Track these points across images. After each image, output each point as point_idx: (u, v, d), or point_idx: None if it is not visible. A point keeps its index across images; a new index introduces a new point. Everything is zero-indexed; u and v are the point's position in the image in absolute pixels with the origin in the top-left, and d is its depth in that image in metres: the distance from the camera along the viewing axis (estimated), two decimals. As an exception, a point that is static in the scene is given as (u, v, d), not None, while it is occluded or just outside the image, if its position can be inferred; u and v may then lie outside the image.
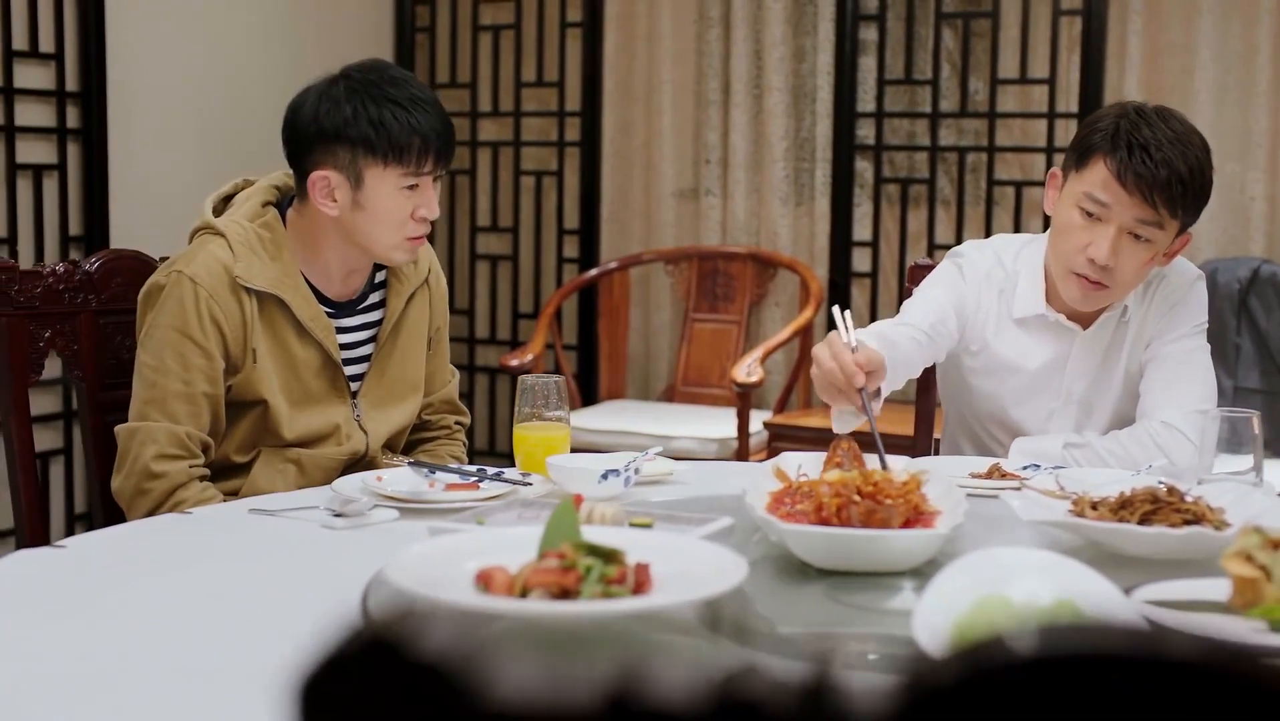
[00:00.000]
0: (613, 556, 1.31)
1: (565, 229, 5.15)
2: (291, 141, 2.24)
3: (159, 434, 2.13)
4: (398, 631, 0.44)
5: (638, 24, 5.02)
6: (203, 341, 2.14)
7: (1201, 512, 1.65)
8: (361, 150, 2.18)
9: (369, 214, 2.21)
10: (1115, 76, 4.35)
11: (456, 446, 2.49)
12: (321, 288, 2.29)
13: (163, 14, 4.24)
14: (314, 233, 2.26)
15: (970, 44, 4.54)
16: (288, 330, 2.23)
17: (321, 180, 2.20)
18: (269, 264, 2.21)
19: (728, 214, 4.95)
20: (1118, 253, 2.21)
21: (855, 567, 1.52)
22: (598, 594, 1.27)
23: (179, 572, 1.63)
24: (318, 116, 2.20)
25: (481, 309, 5.31)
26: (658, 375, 5.11)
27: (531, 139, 5.18)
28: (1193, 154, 2.19)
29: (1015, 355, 2.37)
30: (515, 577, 1.29)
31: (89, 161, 4.00)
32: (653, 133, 5.03)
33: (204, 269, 2.16)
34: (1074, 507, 1.72)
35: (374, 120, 2.17)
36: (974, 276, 2.38)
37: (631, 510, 1.68)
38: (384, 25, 5.21)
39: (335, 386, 2.28)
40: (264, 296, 2.20)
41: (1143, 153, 2.16)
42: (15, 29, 3.80)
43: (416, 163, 2.20)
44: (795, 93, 4.81)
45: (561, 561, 1.30)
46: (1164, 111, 2.24)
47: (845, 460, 1.81)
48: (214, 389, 2.17)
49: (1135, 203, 2.18)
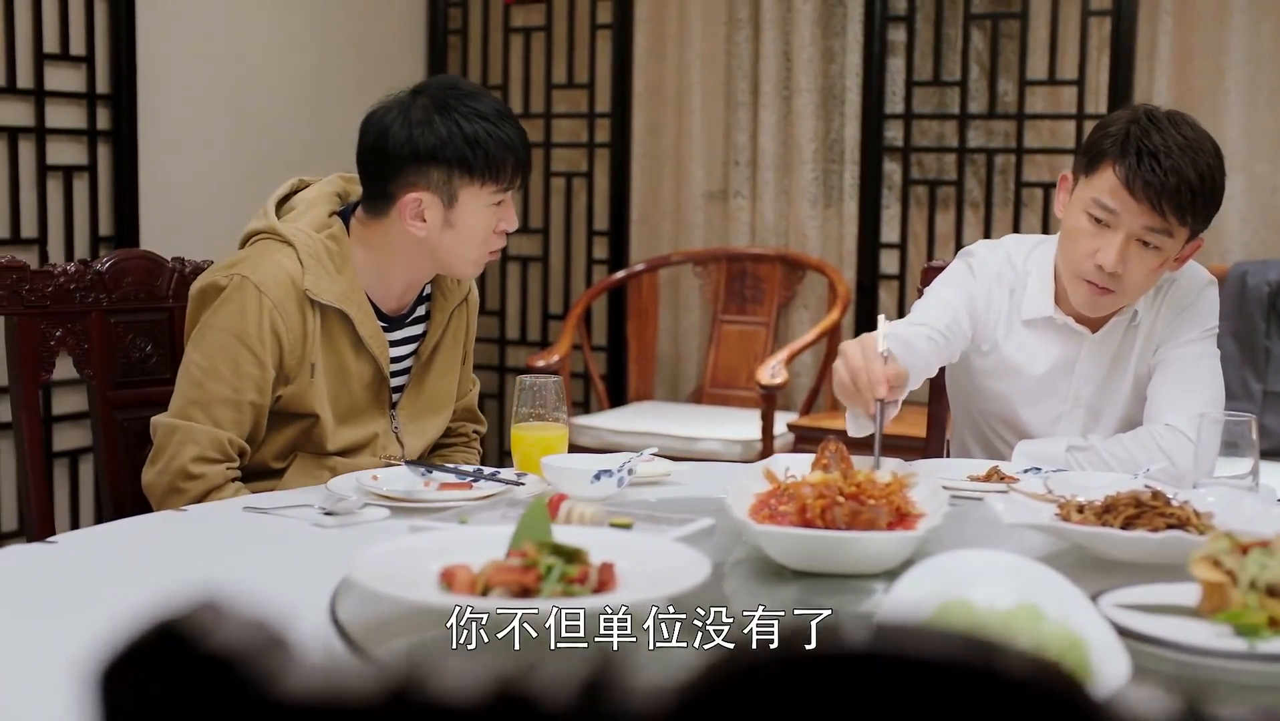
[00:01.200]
0: (575, 556, 1.32)
1: (595, 230, 5.17)
2: (378, 163, 2.19)
3: (200, 436, 2.11)
4: (190, 623, 0.45)
5: (668, 26, 5.03)
6: (259, 350, 2.12)
7: (1187, 517, 1.63)
8: (458, 170, 2.15)
9: (458, 232, 2.18)
10: (1145, 77, 4.32)
11: (472, 455, 2.49)
12: (378, 301, 2.26)
13: (193, 16, 4.28)
14: (386, 248, 2.22)
15: (999, 45, 4.51)
16: (345, 344, 2.21)
17: (413, 202, 2.16)
18: (335, 277, 2.18)
19: (756, 215, 4.95)
20: (1126, 260, 2.19)
21: (828, 569, 1.52)
22: (557, 592, 1.27)
23: (166, 569, 1.65)
24: (411, 137, 2.15)
25: (512, 310, 5.33)
26: (687, 376, 5.11)
27: (562, 140, 5.20)
28: (1204, 160, 2.16)
29: (1023, 357, 2.36)
30: (477, 576, 1.30)
31: (119, 163, 4.05)
32: (682, 134, 5.03)
33: (271, 278, 2.13)
34: (1060, 511, 1.71)
35: (469, 139, 2.14)
36: (985, 275, 2.37)
37: (612, 510, 1.69)
38: (417, 27, 5.24)
39: (379, 399, 2.28)
40: (328, 310, 2.18)
41: (1151, 160, 2.13)
42: (46, 32, 3.85)
43: (510, 179, 2.19)
44: (824, 94, 4.80)
45: (523, 560, 1.31)
46: (1176, 116, 2.21)
47: (832, 462, 1.81)
48: (261, 399, 2.14)
49: (1143, 211, 2.16)
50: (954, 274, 2.40)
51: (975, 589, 1.27)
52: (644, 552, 1.40)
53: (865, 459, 1.94)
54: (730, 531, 1.68)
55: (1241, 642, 1.23)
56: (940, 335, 2.29)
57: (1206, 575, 1.29)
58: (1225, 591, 1.28)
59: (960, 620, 1.21)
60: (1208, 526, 1.63)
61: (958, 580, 1.29)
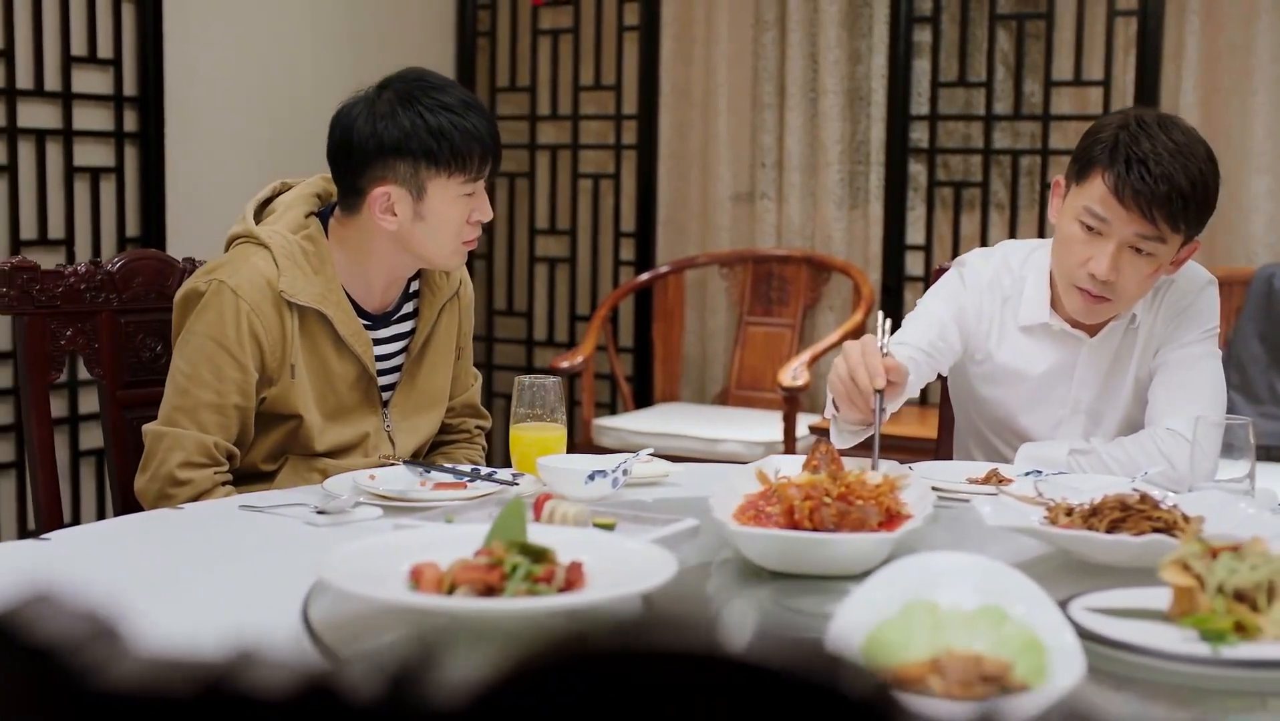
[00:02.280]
0: (542, 555, 1.33)
1: (622, 231, 5.18)
2: (345, 158, 2.20)
3: (187, 441, 2.13)
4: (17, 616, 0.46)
5: (694, 28, 5.03)
6: (239, 354, 2.13)
7: (1174, 521, 1.62)
8: (424, 162, 2.15)
9: (429, 224, 2.19)
10: (1172, 78, 4.28)
11: (475, 451, 2.49)
12: (360, 300, 2.27)
13: (221, 19, 4.32)
14: (362, 245, 2.23)
15: (1025, 45, 4.48)
16: (326, 344, 2.22)
17: (382, 196, 2.17)
18: (312, 278, 2.19)
19: (782, 217, 4.94)
20: (1119, 267, 2.17)
21: (804, 570, 1.52)
22: (521, 591, 1.28)
23: (158, 566, 1.67)
24: (375, 131, 2.16)
25: (540, 311, 5.34)
26: (714, 378, 5.11)
27: (590, 142, 5.21)
28: (1195, 165, 2.13)
29: (1021, 363, 2.35)
30: (444, 575, 1.31)
31: (146, 164, 4.09)
32: (709, 136, 5.03)
33: (247, 281, 2.14)
34: (1049, 514, 1.71)
35: (434, 130, 2.15)
36: (976, 285, 2.36)
37: (597, 511, 1.70)
38: (446, 30, 5.27)
39: (368, 398, 2.28)
40: (305, 310, 2.19)
41: (1141, 167, 2.11)
42: (74, 35, 3.89)
43: (478, 169, 2.19)
44: (850, 96, 4.79)
45: (489, 559, 1.31)
46: (1166, 121, 2.19)
47: (822, 463, 1.81)
48: (246, 401, 2.16)
49: (1134, 219, 2.14)
50: (945, 285, 2.40)
51: (941, 590, 1.27)
52: (615, 552, 1.40)
53: (862, 460, 1.94)
54: (716, 532, 1.68)
55: (1205, 647, 1.22)
56: (923, 354, 2.31)
57: (1175, 579, 1.28)
58: (1194, 596, 1.27)
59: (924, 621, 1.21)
60: (1196, 530, 1.61)
61: (924, 582, 1.29)
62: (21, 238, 3.81)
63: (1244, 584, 1.25)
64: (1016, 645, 1.15)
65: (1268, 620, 1.24)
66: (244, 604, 1.50)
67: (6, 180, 3.78)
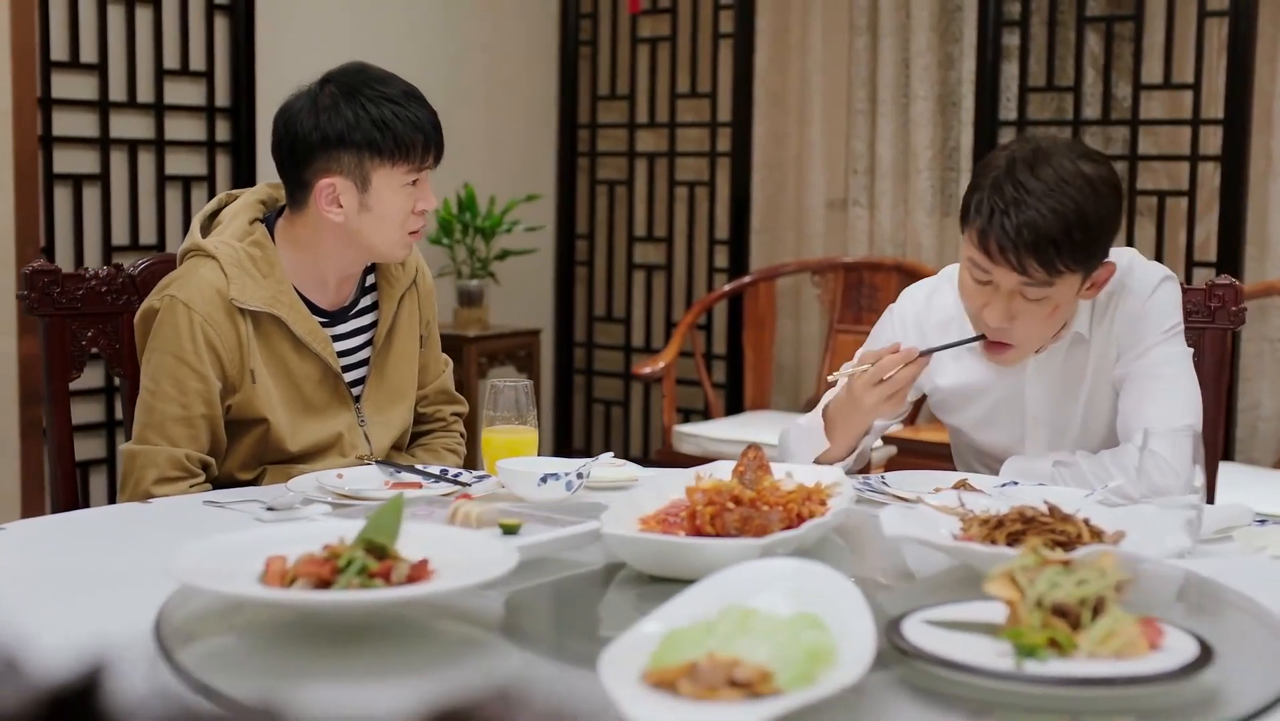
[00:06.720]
0: (383, 551, 1.37)
1: (716, 239, 5.19)
2: (289, 153, 2.25)
3: (159, 457, 2.18)
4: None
5: (788, 34, 5.02)
6: (198, 365, 2.18)
7: (1078, 533, 1.59)
8: (368, 152, 2.19)
9: (375, 215, 2.23)
10: (1266, 80, 4.13)
11: (453, 438, 2.52)
12: (315, 298, 2.32)
13: (314, 30, 4.45)
14: (310, 242, 2.28)
15: (1114, 48, 4.37)
16: (285, 345, 2.26)
17: (327, 188, 2.22)
18: (261, 282, 2.24)
19: (874, 224, 4.90)
20: (1013, 315, 2.08)
21: (677, 574, 1.53)
22: (354, 585, 1.32)
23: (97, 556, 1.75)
24: (319, 124, 2.21)
25: (637, 318, 5.39)
26: (807, 385, 5.09)
27: (687, 149, 5.24)
28: (1067, 202, 1.99)
29: (969, 384, 2.29)
30: (289, 569, 1.36)
31: (237, 172, 4.25)
32: (803, 143, 5.01)
33: (197, 293, 2.20)
34: (963, 526, 1.69)
35: (377, 120, 2.19)
36: (903, 323, 2.32)
37: (505, 512, 1.72)
38: (549, 39, 5.34)
39: (338, 395, 2.32)
40: (259, 315, 2.23)
41: (1003, 218, 1.99)
42: (166, 48, 4.06)
43: (420, 158, 2.22)
44: (941, 101, 4.73)
45: (328, 553, 1.36)
46: (1042, 155, 2.03)
47: (749, 469, 1.81)
48: (211, 410, 2.21)
49: (1008, 270, 2.03)
50: (879, 328, 2.38)
51: (759, 597, 1.27)
52: (468, 549, 1.44)
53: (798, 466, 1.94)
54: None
55: (1009, 662, 1.20)
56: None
57: (999, 591, 1.26)
58: (1017, 609, 1.25)
59: (736, 625, 1.22)
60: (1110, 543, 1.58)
61: (745, 588, 1.29)
62: (114, 243, 3.99)
63: (1066, 599, 1.23)
64: (800, 653, 1.15)
65: (1085, 637, 1.21)
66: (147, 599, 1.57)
67: (99, 188, 3.96)
